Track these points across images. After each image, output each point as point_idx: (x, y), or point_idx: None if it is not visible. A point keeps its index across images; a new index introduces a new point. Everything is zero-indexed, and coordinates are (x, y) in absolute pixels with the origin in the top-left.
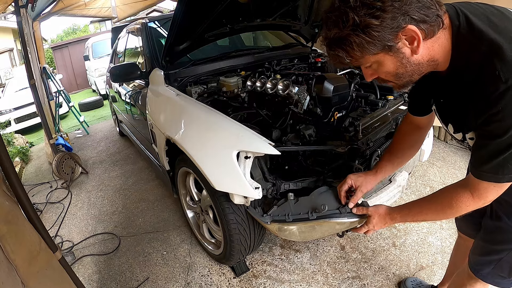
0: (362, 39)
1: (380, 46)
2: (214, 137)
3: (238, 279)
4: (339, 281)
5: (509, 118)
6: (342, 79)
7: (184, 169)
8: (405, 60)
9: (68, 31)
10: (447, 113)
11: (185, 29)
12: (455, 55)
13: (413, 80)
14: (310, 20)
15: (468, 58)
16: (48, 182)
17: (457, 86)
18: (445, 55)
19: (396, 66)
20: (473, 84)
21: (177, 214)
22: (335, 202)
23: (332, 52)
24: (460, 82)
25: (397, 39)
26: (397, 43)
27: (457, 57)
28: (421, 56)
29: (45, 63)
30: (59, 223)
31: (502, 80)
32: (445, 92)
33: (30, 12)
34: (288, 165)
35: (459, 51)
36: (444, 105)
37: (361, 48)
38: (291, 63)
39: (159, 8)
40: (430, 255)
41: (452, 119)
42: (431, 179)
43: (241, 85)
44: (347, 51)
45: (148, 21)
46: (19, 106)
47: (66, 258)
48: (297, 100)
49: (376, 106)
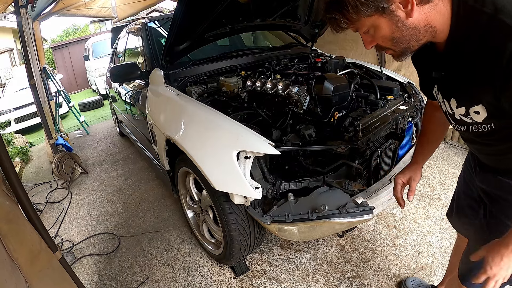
0: (356, 0)
1: (374, 7)
2: (214, 137)
3: (238, 279)
4: (339, 281)
5: None
6: (342, 79)
7: (184, 169)
8: (400, 23)
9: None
10: (450, 87)
11: (185, 29)
12: (455, 23)
13: (411, 47)
14: (310, 20)
15: (469, 25)
16: (48, 182)
17: (459, 55)
18: (444, 22)
19: (392, 30)
20: (478, 51)
21: (177, 214)
22: (335, 202)
23: (329, 15)
24: (461, 52)
25: (390, 1)
26: (391, 5)
27: (457, 25)
28: (417, 21)
29: (45, 63)
30: (59, 223)
31: None
32: (447, 64)
33: (30, 12)
34: (288, 165)
35: (459, 18)
36: (446, 78)
37: (355, 10)
38: (291, 63)
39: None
40: (430, 255)
41: (456, 92)
42: (431, 179)
43: (241, 85)
44: (343, 14)
45: (148, 21)
46: (19, 106)
47: (66, 258)
48: (297, 100)
49: (376, 106)
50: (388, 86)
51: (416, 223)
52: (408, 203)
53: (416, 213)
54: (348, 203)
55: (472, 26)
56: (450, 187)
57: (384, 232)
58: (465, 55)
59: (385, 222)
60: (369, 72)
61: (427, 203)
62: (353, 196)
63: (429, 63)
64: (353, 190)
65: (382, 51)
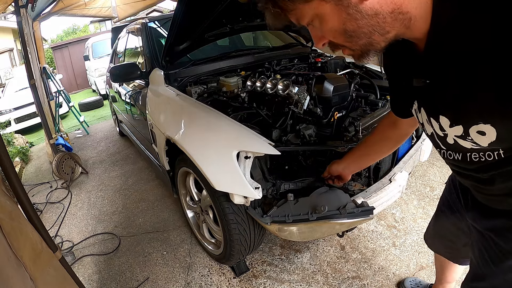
0: None
1: None
2: (214, 137)
3: (238, 279)
4: (339, 281)
5: None
6: (342, 79)
7: (184, 169)
8: (352, 9)
9: (68, 31)
10: (439, 100)
11: (185, 29)
12: (440, 4)
13: (375, 43)
14: None
15: (461, 6)
16: (48, 182)
17: (449, 53)
18: (422, 5)
19: (343, 20)
20: (479, 41)
21: (177, 214)
22: (335, 202)
23: (264, 6)
24: (453, 48)
25: None
26: None
27: (444, 7)
28: (378, 4)
29: (45, 63)
30: (59, 223)
31: None
32: (432, 68)
33: (30, 12)
34: (288, 165)
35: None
36: (433, 88)
37: None
38: (291, 63)
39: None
40: (430, 255)
41: (449, 106)
42: (431, 179)
43: (241, 85)
44: (275, 1)
45: (148, 21)
46: (19, 106)
47: (66, 258)
48: (297, 100)
49: (376, 106)
50: (388, 86)
51: (416, 223)
52: (408, 203)
53: (416, 213)
54: (348, 203)
55: (466, 11)
56: None
57: (384, 232)
58: (458, 52)
59: (385, 222)
60: (369, 72)
61: (427, 203)
62: (353, 196)
63: (407, 69)
64: (353, 190)
65: (338, 50)
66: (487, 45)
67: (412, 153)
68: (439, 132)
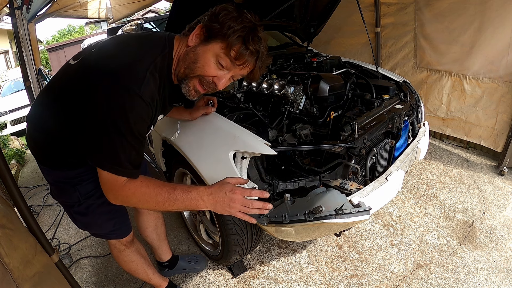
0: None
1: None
2: (210, 138)
3: (236, 280)
4: (337, 281)
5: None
6: (338, 79)
7: (181, 170)
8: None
9: (64, 32)
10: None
11: (180, 29)
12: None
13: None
14: (306, 20)
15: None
16: (45, 185)
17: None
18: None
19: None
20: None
21: (174, 215)
22: (331, 203)
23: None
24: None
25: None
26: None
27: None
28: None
29: (41, 64)
30: (56, 225)
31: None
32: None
33: (25, 13)
34: (285, 165)
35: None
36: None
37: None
38: (287, 63)
39: (154, 9)
40: (427, 253)
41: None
42: (427, 178)
43: (237, 85)
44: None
45: (143, 22)
46: (14, 108)
47: (63, 260)
48: (293, 100)
49: (372, 105)
50: (384, 85)
51: (413, 222)
52: (405, 202)
53: (413, 211)
54: (345, 203)
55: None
56: (447, 185)
57: (381, 231)
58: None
59: (382, 220)
60: (364, 71)
61: (424, 201)
62: (349, 196)
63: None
64: (349, 190)
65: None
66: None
67: (408, 152)
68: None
